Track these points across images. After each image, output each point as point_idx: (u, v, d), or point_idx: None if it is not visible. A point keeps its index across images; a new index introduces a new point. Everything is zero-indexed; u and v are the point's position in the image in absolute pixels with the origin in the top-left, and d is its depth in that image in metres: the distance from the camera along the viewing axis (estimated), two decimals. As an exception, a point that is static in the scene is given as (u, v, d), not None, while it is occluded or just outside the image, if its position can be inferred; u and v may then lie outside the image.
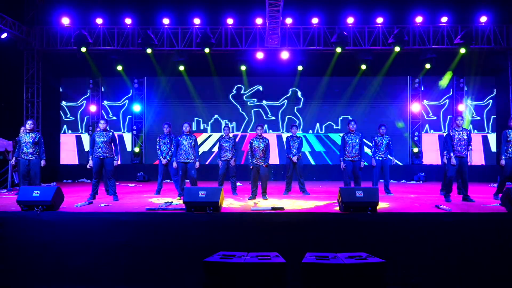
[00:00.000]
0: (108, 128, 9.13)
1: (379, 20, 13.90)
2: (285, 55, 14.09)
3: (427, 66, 14.10)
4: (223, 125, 15.64)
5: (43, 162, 9.01)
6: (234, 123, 15.64)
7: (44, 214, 6.81)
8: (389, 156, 9.77)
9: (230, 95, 15.78)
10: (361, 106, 15.39)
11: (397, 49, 13.55)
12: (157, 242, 6.50)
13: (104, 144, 8.89)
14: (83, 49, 13.75)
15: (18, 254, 6.59)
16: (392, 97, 15.51)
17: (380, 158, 9.74)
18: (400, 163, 14.99)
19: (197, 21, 14.04)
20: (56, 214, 6.91)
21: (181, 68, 14.56)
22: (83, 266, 6.51)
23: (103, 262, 6.49)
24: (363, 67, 14.49)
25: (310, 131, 15.55)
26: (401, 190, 10.82)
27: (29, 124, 9.06)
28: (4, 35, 12.98)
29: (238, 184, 12.60)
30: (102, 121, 9.08)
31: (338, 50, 13.60)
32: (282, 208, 7.37)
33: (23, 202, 7.02)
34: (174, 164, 9.18)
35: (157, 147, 10.01)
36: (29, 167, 8.93)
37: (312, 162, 15.12)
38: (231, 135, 10.27)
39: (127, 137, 15.80)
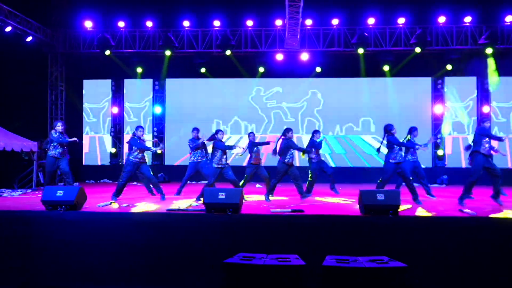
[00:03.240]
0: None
1: (401, 20, 13.75)
2: (304, 56, 14.05)
3: (449, 67, 13.88)
4: (243, 127, 15.68)
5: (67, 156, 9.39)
6: (253, 125, 15.65)
7: (67, 213, 6.93)
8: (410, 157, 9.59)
9: (250, 97, 15.80)
10: (383, 108, 15.24)
11: (417, 49, 13.38)
12: (177, 243, 6.54)
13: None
14: (107, 52, 13.96)
15: (42, 252, 6.72)
16: (415, 98, 15.30)
17: (413, 159, 9.55)
18: (423, 166, 14.73)
19: (217, 23, 14.11)
20: (79, 214, 7.03)
21: (202, 70, 14.64)
22: (104, 265, 6.60)
23: (123, 262, 6.57)
24: (385, 68, 14.35)
25: (330, 133, 15.46)
26: (424, 193, 10.67)
27: (60, 126, 9.28)
28: (29, 39, 13.28)
29: (258, 185, 12.62)
30: (140, 129, 9.26)
31: (360, 51, 13.50)
32: (302, 211, 7.34)
33: (48, 202, 7.16)
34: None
35: (189, 145, 10.01)
36: (56, 166, 9.15)
37: (333, 164, 15.02)
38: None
39: (148, 139, 15.93)
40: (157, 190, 9.40)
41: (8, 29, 12.37)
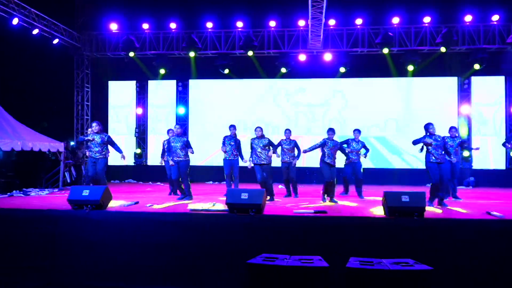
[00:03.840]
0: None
1: (426, 19, 13.53)
2: (328, 57, 13.96)
3: (476, 66, 13.60)
4: (266, 128, 15.65)
5: (122, 156, 9.47)
6: (277, 126, 15.61)
7: (93, 213, 7.04)
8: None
9: (273, 98, 15.78)
10: (408, 108, 15.03)
11: (443, 49, 13.15)
12: (200, 243, 6.58)
13: (179, 149, 9.25)
14: (131, 54, 14.15)
15: (67, 251, 6.85)
16: (441, 98, 15.04)
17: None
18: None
19: (240, 24, 14.14)
20: (104, 213, 7.13)
21: (226, 71, 14.70)
22: (127, 264, 6.68)
23: (147, 261, 6.64)
24: (410, 68, 14.16)
25: (356, 133, 15.29)
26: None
27: (93, 127, 9.33)
28: (56, 41, 13.57)
29: (280, 186, 12.59)
30: (177, 126, 9.35)
31: (385, 51, 13.34)
32: (325, 212, 7.30)
33: (74, 201, 7.28)
34: (248, 163, 9.47)
35: (223, 145, 10.00)
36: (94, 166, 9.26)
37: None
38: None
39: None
40: (181, 190, 9.49)
41: (36, 31, 12.67)
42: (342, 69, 14.56)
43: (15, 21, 11.86)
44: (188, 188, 9.29)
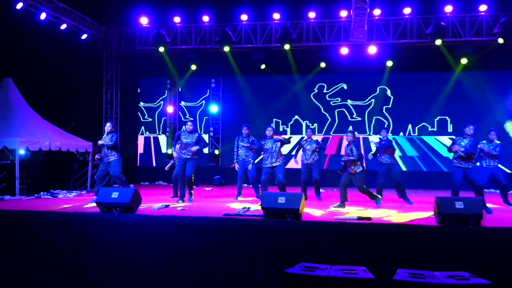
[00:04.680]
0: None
1: (483, 7, 13.08)
2: (372, 49, 13.73)
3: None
4: (304, 126, 15.58)
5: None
6: (316, 125, 15.51)
7: (122, 216, 7.16)
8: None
9: (312, 94, 15.68)
10: (461, 106, 14.61)
11: (500, 40, 12.68)
12: (234, 249, 6.57)
13: (189, 145, 9.33)
14: (161, 49, 14.34)
15: (97, 254, 6.98)
16: (499, 94, 14.53)
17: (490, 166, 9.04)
18: (509, 171, 13.92)
19: (276, 16, 14.09)
20: (134, 217, 7.24)
21: (262, 66, 14.69)
22: (157, 269, 6.75)
23: (178, 265, 6.69)
24: (464, 61, 13.75)
25: (401, 134, 15.03)
26: (501, 200, 10.12)
27: (107, 127, 9.56)
28: (84, 36, 13.85)
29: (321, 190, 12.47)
30: (189, 123, 9.46)
31: (438, 42, 12.95)
32: (369, 219, 7.16)
33: (102, 204, 7.43)
34: (250, 167, 9.43)
35: (235, 149, 10.19)
36: (107, 168, 9.45)
37: (404, 168, 14.59)
38: (314, 137, 10.23)
39: (205, 139, 16.21)
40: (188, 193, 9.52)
41: (63, 26, 12.99)
42: (389, 63, 14.28)
43: (43, 16, 12.17)
44: (190, 189, 9.34)
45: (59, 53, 14.02)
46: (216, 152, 16.13)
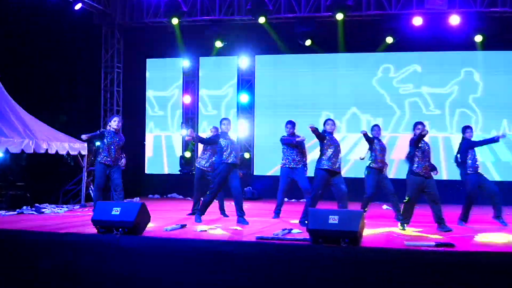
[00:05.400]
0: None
1: None
2: (454, 20, 13.51)
3: None
4: (363, 121, 15.44)
5: (123, 161, 9.90)
6: (380, 119, 15.34)
7: (125, 238, 7.20)
8: None
9: (374, 79, 15.53)
10: None
11: None
12: (271, 282, 6.55)
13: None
14: (175, 21, 14.43)
15: (92, 287, 7.07)
16: None
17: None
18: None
19: (327, -25, 14.02)
20: (140, 240, 7.28)
21: (307, 42, 14.62)
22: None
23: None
24: None
25: (494, 131, 14.71)
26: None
27: (116, 122, 9.72)
28: (78, 6, 13.91)
29: (385, 207, 12.35)
30: (225, 121, 9.55)
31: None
32: (452, 245, 7.05)
33: (100, 222, 7.50)
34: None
35: (284, 149, 10.19)
36: (109, 176, 9.59)
37: (497, 178, 14.28)
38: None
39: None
40: (238, 208, 9.60)
41: (52, -6, 13.22)
42: (478, 38, 13.99)
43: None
44: (240, 208, 9.59)
45: (45, 28, 14.18)
46: (246, 155, 16.13)
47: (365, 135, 9.77)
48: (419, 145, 8.79)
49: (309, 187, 9.74)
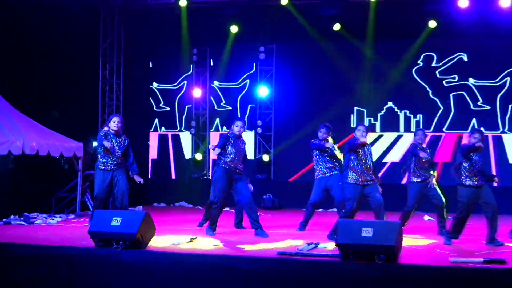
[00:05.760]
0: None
1: None
2: (505, 2, 13.43)
3: None
4: (401, 118, 15.38)
5: (137, 178, 10.05)
6: (419, 116, 15.29)
7: (126, 253, 7.24)
8: None
9: (414, 70, 15.45)
10: None
11: None
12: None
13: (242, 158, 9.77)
14: (183, 3, 14.46)
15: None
16: None
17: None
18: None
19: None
20: (144, 255, 7.32)
21: (336, 26, 14.60)
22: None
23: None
24: None
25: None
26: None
27: (115, 122, 9.75)
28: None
29: (427, 217, 12.31)
30: (239, 123, 9.60)
31: None
32: (503, 262, 7.01)
33: (98, 235, 7.54)
34: None
35: (315, 157, 10.18)
36: (112, 183, 9.63)
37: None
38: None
39: (249, 138, 16.15)
40: (252, 221, 9.61)
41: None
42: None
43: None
44: (256, 220, 9.64)
45: (35, 13, 14.23)
46: (266, 158, 16.12)
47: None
48: (469, 156, 8.80)
49: (342, 197, 9.67)
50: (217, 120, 16.68)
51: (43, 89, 15.08)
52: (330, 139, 10.06)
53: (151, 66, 17.16)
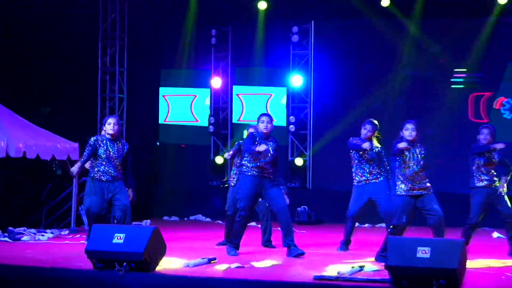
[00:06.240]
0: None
1: None
2: None
3: None
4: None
5: (131, 194, 9.82)
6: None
7: (131, 277, 7.28)
8: None
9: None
10: None
11: None
12: None
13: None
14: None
15: None
16: None
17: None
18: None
19: None
20: (152, 278, 7.36)
21: (385, 2, 14.57)
22: None
23: None
24: None
25: None
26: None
27: (111, 125, 9.76)
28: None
29: (497, 234, 12.26)
30: (265, 118, 9.57)
31: None
32: None
33: (97, 254, 7.58)
34: None
35: (354, 160, 10.16)
36: (106, 197, 9.67)
37: None
38: None
39: (279, 137, 16.15)
40: (285, 238, 9.60)
41: None
42: None
43: None
44: (290, 236, 9.59)
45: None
46: (299, 162, 16.08)
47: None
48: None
49: (391, 209, 9.62)
50: (242, 114, 16.64)
51: (32, 80, 15.17)
52: (374, 140, 9.97)
53: (161, 51, 17.19)
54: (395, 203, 9.11)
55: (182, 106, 17.15)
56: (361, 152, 9.98)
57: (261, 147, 9.08)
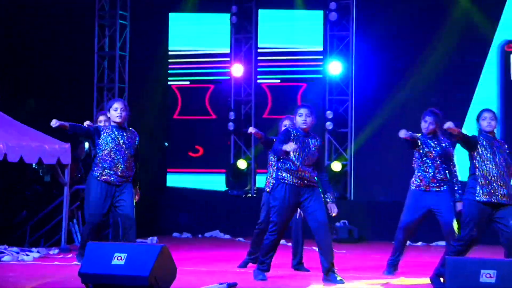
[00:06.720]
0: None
1: None
2: None
3: None
4: None
5: (136, 197, 9.77)
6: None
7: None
8: None
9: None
10: None
11: None
12: None
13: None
14: None
15: None
16: None
17: None
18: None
19: None
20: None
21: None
22: None
23: None
24: None
25: None
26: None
27: (117, 110, 9.57)
28: None
29: None
30: (302, 110, 9.42)
31: None
32: None
33: (92, 278, 7.63)
34: None
35: (415, 159, 10.10)
36: (114, 202, 9.68)
37: None
38: None
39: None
40: (323, 257, 9.56)
41: None
42: None
43: None
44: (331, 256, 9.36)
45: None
46: (337, 166, 16.07)
47: None
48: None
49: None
50: (268, 107, 16.71)
51: (17, 66, 15.29)
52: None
53: (169, 36, 17.24)
54: (466, 209, 8.99)
55: (195, 98, 17.19)
56: (421, 151, 9.84)
57: (289, 146, 8.59)
